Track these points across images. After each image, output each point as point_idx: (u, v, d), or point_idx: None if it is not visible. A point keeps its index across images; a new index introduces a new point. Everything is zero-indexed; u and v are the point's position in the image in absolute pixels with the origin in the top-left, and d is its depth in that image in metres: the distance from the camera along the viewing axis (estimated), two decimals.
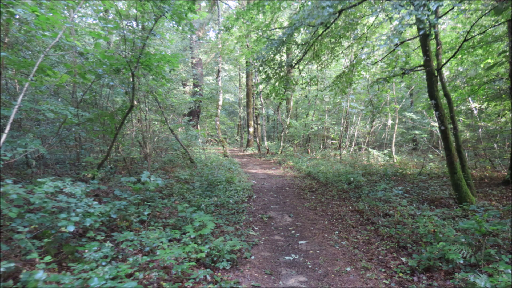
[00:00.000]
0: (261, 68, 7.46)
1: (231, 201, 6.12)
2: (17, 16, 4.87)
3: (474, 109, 10.71)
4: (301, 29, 6.74)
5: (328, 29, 6.92)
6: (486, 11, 6.19)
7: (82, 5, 6.64)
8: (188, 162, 9.80)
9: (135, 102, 6.85)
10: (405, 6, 4.37)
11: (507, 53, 6.72)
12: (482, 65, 8.95)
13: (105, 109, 7.19)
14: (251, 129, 19.34)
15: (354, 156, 13.48)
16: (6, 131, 3.48)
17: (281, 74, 7.72)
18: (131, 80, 5.70)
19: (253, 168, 11.92)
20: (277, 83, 7.94)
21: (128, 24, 7.48)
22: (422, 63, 6.09)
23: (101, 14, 7.60)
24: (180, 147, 10.00)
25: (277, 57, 7.86)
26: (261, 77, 8.00)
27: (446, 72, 10.91)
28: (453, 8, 5.52)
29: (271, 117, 24.71)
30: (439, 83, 5.96)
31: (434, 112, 5.65)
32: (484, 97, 9.13)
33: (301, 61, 8.00)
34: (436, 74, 5.60)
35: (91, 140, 7.75)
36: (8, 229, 3.22)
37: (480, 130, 9.98)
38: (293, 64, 7.74)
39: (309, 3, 6.66)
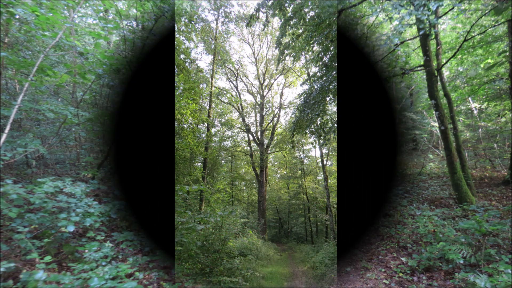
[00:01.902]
0: None
1: None
2: (17, 16, 4.87)
3: (474, 109, 10.70)
4: None
5: None
6: (486, 11, 6.19)
7: (82, 5, 6.64)
8: None
9: None
10: (405, 6, 4.37)
11: (507, 53, 6.72)
12: (482, 65, 8.95)
13: (105, 109, 7.17)
14: None
15: None
16: (6, 131, 3.48)
17: None
18: None
19: None
20: None
21: (128, 24, 7.47)
22: (422, 63, 6.09)
23: (101, 14, 7.60)
24: None
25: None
26: None
27: (446, 72, 10.90)
28: (453, 8, 5.52)
29: None
30: (439, 83, 5.97)
31: (434, 112, 5.66)
32: (484, 97, 9.14)
33: None
34: (436, 74, 5.60)
35: (91, 140, 7.74)
36: (8, 229, 3.21)
37: (480, 130, 9.97)
38: None
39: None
